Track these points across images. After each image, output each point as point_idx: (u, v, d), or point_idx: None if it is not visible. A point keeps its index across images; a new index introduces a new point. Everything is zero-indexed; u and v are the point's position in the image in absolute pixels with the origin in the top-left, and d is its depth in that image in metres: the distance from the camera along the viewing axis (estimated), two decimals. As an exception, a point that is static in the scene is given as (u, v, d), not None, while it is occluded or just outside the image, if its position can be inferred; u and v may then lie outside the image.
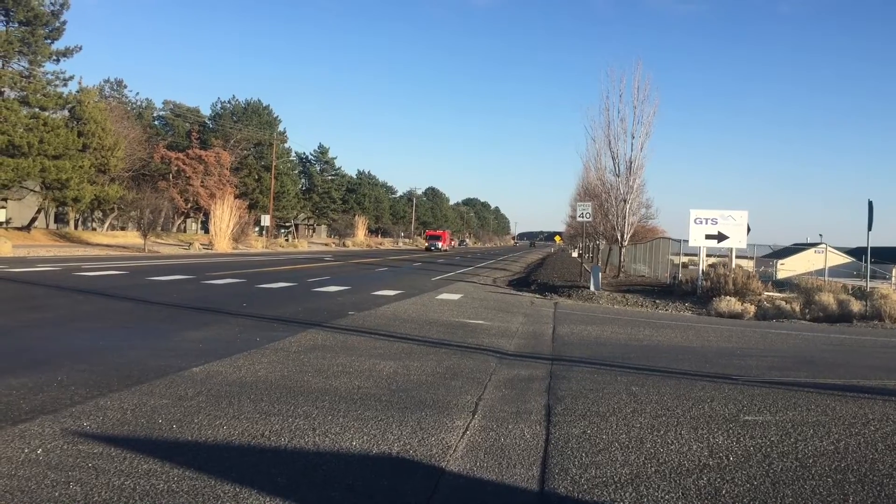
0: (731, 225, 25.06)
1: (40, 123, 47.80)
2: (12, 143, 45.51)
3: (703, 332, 15.34)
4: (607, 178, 36.83)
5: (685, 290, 25.74)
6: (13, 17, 48.26)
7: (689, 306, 21.72)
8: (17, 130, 46.09)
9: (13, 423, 5.70)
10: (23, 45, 48.65)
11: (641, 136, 32.72)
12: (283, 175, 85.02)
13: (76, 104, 51.66)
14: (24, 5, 47.40)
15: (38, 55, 50.00)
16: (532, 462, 5.39)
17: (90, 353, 9.07)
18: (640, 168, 33.58)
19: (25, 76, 49.89)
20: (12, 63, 49.29)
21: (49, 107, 50.35)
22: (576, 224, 56.97)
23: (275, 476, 4.80)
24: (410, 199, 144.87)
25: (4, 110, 47.15)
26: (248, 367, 8.53)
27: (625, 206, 34.08)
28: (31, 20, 48.40)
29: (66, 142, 48.09)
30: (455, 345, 11.41)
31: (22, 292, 16.47)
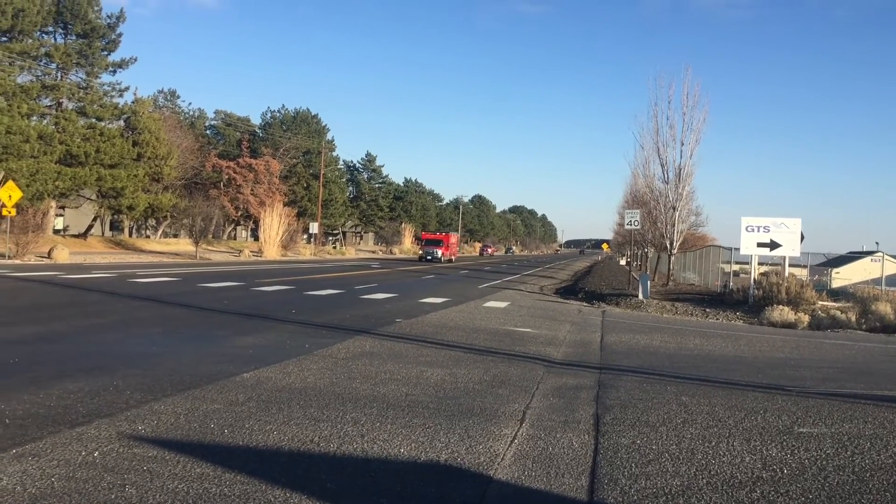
0: (784, 233, 24.58)
1: (97, 133, 49.11)
2: (70, 153, 46.82)
3: (755, 341, 15.06)
4: (656, 186, 36.40)
5: (736, 299, 25.31)
6: (71, 29, 49.74)
7: (740, 315, 21.35)
8: (75, 140, 47.41)
9: (71, 426, 5.84)
10: (80, 57, 50.08)
11: (691, 143, 32.26)
12: (331, 183, 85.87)
13: (131, 114, 52.90)
14: (81, 18, 48.79)
15: (94, 67, 51.44)
16: (581, 472, 5.35)
17: (144, 359, 9.26)
18: (690, 175, 33.11)
19: (83, 87, 51.33)
20: (70, 75, 50.76)
21: (105, 117, 51.72)
22: (624, 232, 56.38)
23: (324, 482, 4.84)
24: (457, 206, 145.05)
25: (63, 121, 48.58)
26: (297, 374, 8.62)
27: (674, 214, 33.64)
28: (89, 33, 49.81)
29: (121, 151, 49.27)
30: (502, 353, 11.38)
31: (79, 298, 16.90)
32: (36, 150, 42.91)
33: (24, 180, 38.23)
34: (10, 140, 40.21)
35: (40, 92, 48.08)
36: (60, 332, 11.23)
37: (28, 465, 4.83)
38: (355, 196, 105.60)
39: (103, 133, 49.49)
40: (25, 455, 5.03)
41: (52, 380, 7.50)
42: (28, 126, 43.16)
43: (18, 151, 41.09)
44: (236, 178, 68.83)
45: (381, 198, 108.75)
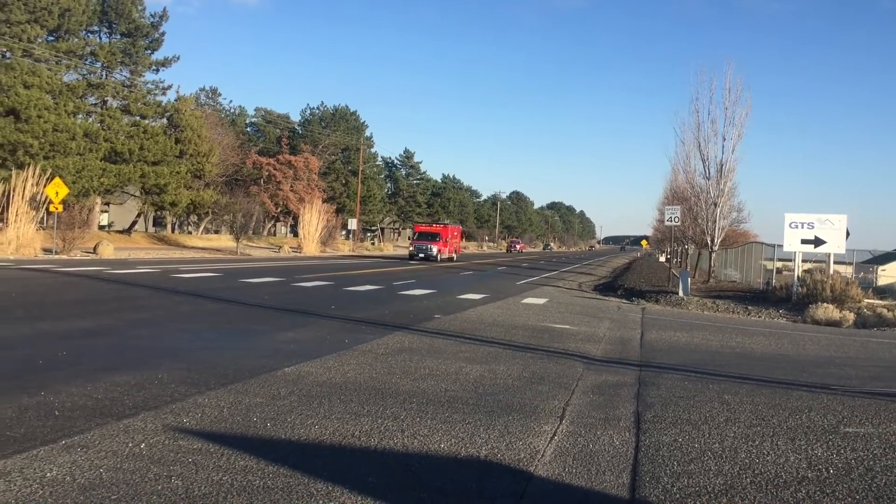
0: (829, 229, 24.12)
1: (140, 131, 49.94)
2: (115, 150, 47.68)
3: (799, 339, 14.82)
4: (697, 181, 36.02)
5: (779, 297, 24.92)
6: (116, 29, 50.63)
7: (783, 313, 21.02)
8: (120, 138, 48.27)
9: (118, 418, 5.96)
10: (125, 56, 50.96)
11: (733, 138, 31.80)
12: (369, 179, 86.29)
13: (174, 112, 53.68)
14: (126, 17, 49.64)
15: (138, 65, 52.33)
16: (622, 469, 5.32)
17: (188, 352, 9.41)
18: (732, 171, 32.65)
19: (127, 86, 52.24)
20: (115, 73, 51.67)
21: (149, 115, 52.58)
22: (663, 228, 55.80)
23: (365, 476, 4.88)
24: (495, 203, 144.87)
25: (108, 119, 49.51)
26: (337, 368, 8.69)
27: (715, 210, 33.21)
28: (133, 32, 50.66)
29: (164, 148, 50.04)
30: (541, 349, 11.35)
31: (124, 293, 17.21)
32: (82, 148, 43.76)
33: (70, 177, 39.01)
34: (56, 138, 41.05)
35: (86, 90, 49.02)
36: (107, 326, 11.46)
37: (77, 455, 4.94)
38: (393, 192, 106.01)
39: (147, 131, 50.31)
40: (74, 446, 5.14)
41: (100, 372, 7.66)
42: (74, 124, 44.03)
43: (65, 149, 41.94)
44: (276, 174, 69.47)
45: (419, 194, 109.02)
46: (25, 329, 10.69)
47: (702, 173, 34.20)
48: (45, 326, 11.04)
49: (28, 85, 40.76)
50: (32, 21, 42.94)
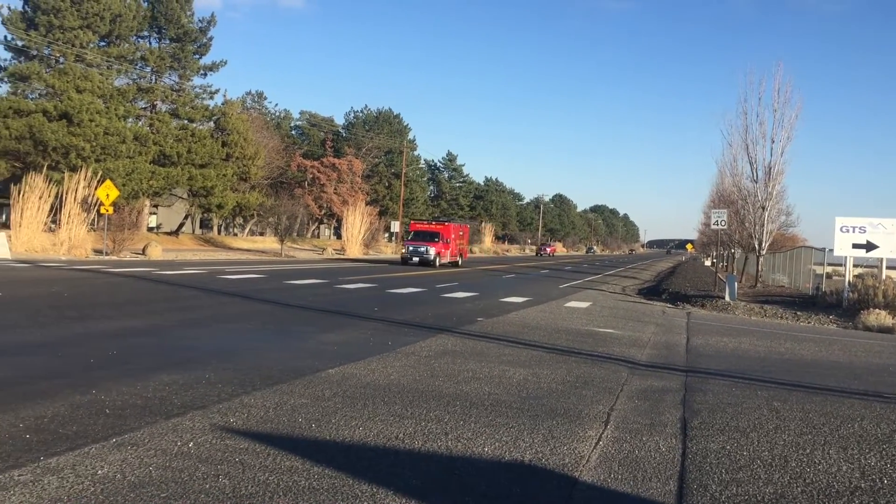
0: (882, 234, 23.54)
1: (188, 134, 50.84)
2: (163, 153, 48.58)
3: (850, 346, 14.49)
4: (744, 184, 35.49)
5: (829, 302, 24.38)
6: (165, 34, 51.64)
7: (833, 319, 20.56)
8: (168, 141, 49.17)
9: (166, 417, 6.06)
10: (174, 60, 51.95)
11: (782, 141, 31.30)
12: (412, 182, 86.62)
13: (221, 116, 54.52)
14: (175, 23, 50.58)
15: (187, 70, 53.31)
16: (668, 476, 5.24)
17: (234, 353, 9.53)
18: (780, 174, 32.14)
19: (176, 90, 53.24)
20: (164, 78, 52.68)
21: (196, 119, 53.52)
22: (709, 232, 55.08)
23: (409, 479, 4.88)
24: (538, 205, 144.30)
25: (157, 122, 50.48)
26: (381, 370, 8.72)
27: (763, 213, 32.68)
28: (181, 37, 51.60)
29: (211, 151, 50.85)
30: (585, 353, 11.26)
31: (172, 294, 17.50)
32: (132, 151, 44.68)
33: (120, 180, 39.84)
34: (107, 141, 41.97)
35: (136, 94, 50.08)
36: (155, 326, 11.66)
37: (127, 453, 5.03)
38: (436, 195, 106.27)
39: (194, 134, 51.19)
40: (125, 444, 5.23)
41: (149, 372, 7.79)
42: (124, 127, 44.97)
43: (115, 152, 42.86)
44: (320, 177, 70.12)
45: (462, 197, 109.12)
46: (78, 328, 10.93)
47: (749, 176, 33.74)
48: (97, 326, 11.27)
49: (80, 89, 41.75)
50: (85, 27, 44.00)
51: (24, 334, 10.09)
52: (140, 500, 4.22)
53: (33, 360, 8.32)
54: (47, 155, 39.37)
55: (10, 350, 8.82)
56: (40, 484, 4.37)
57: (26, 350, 8.90)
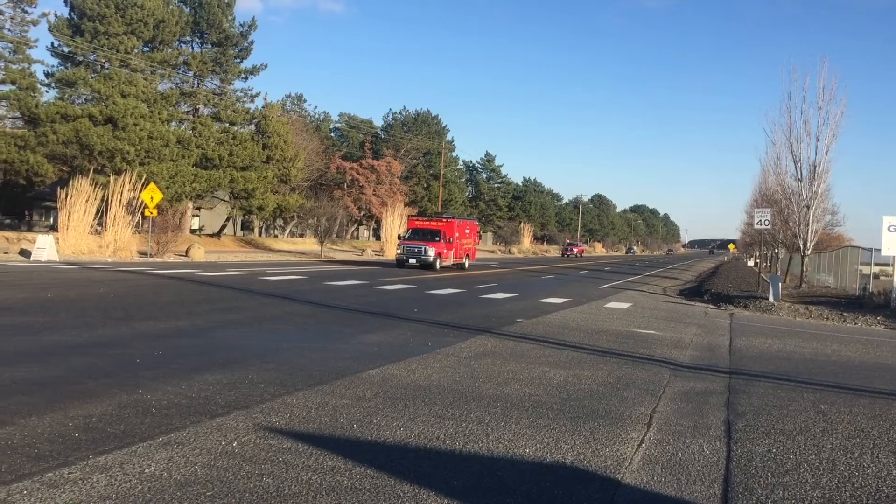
0: (932, 232, 22.95)
1: (230, 137, 51.49)
2: (206, 156, 49.28)
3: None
4: (788, 183, 34.87)
5: (876, 303, 23.85)
6: (207, 38, 52.38)
7: (881, 320, 20.11)
8: (210, 144, 49.86)
9: (211, 416, 6.14)
10: (215, 64, 52.68)
11: (827, 139, 30.68)
12: (450, 183, 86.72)
13: (261, 119, 55.13)
14: (216, 27, 51.28)
15: (228, 74, 54.02)
16: (713, 479, 5.18)
17: (276, 353, 9.63)
18: (825, 172, 31.50)
19: (217, 94, 54.00)
20: (206, 82, 53.46)
21: (238, 122, 54.19)
22: (752, 231, 54.28)
23: (451, 480, 4.89)
24: (576, 206, 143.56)
25: (199, 126, 51.22)
26: (421, 371, 8.74)
27: (807, 213, 32.09)
28: (223, 41, 52.29)
29: (252, 154, 51.43)
30: (626, 355, 11.17)
31: (214, 295, 17.74)
32: (175, 154, 45.37)
33: (164, 182, 40.49)
34: (151, 144, 42.69)
35: (179, 98, 50.85)
36: (199, 327, 11.83)
37: (173, 452, 5.11)
38: (474, 196, 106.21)
39: (236, 137, 51.83)
40: (171, 443, 5.32)
41: (193, 372, 7.91)
42: (168, 131, 45.71)
43: (159, 155, 43.57)
44: (359, 178, 70.53)
45: (500, 197, 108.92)
46: (124, 329, 11.13)
47: (793, 175, 33.14)
48: (142, 326, 11.47)
49: (125, 94, 42.52)
50: (129, 33, 44.80)
51: (73, 335, 10.30)
52: (186, 499, 4.29)
53: (82, 359, 8.49)
54: (93, 159, 40.17)
55: (59, 350, 9.01)
56: (89, 482, 4.47)
57: (75, 350, 9.09)
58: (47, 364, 8.06)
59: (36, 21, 43.86)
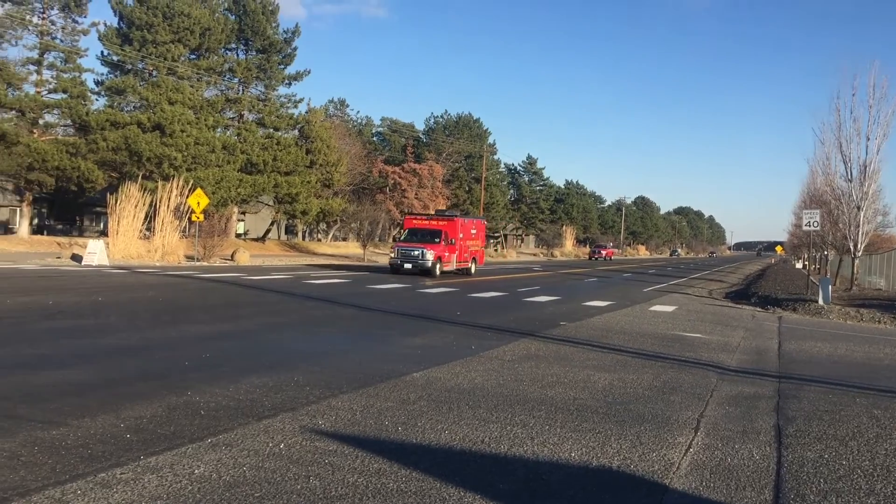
0: None
1: (274, 143, 52.09)
2: (250, 161, 49.91)
3: (956, 352, 13.76)
4: (838, 184, 34.05)
5: (931, 306, 23.21)
6: (252, 45, 53.10)
7: (936, 323, 19.57)
8: (255, 149, 50.50)
9: (258, 418, 6.22)
10: (259, 71, 53.36)
11: (878, 138, 29.91)
12: (492, 186, 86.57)
13: (305, 124, 55.67)
14: (261, 35, 51.95)
15: (272, 80, 54.69)
16: (763, 485, 5.09)
17: (321, 356, 9.71)
18: (876, 172, 30.70)
19: (262, 100, 54.68)
20: (251, 88, 54.18)
21: (281, 127, 54.82)
22: (800, 233, 53.23)
23: (496, 483, 4.88)
24: (619, 208, 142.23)
25: (244, 131, 51.93)
26: (465, 374, 8.74)
27: (858, 214, 31.35)
28: (267, 48, 52.96)
29: (295, 159, 51.96)
30: (672, 358, 11.04)
31: (260, 298, 17.96)
32: (220, 160, 46.05)
33: (210, 188, 41.08)
34: (198, 150, 43.37)
35: (224, 105, 51.62)
36: (245, 330, 11.98)
37: (222, 454, 5.18)
38: (516, 199, 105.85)
39: (280, 142, 52.41)
40: (219, 445, 5.39)
41: (240, 374, 8.01)
42: (214, 137, 46.40)
43: (205, 161, 44.25)
44: (401, 182, 70.76)
45: (542, 200, 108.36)
46: (172, 332, 11.33)
47: (843, 175, 32.35)
48: (190, 329, 11.66)
49: (172, 101, 43.28)
50: (176, 41, 45.61)
51: (123, 337, 10.51)
52: (235, 500, 4.34)
53: (132, 362, 8.66)
54: (142, 165, 40.94)
55: (110, 352, 9.20)
56: (141, 482, 4.55)
57: (125, 352, 9.27)
58: (99, 366, 8.24)
59: (86, 31, 44.82)
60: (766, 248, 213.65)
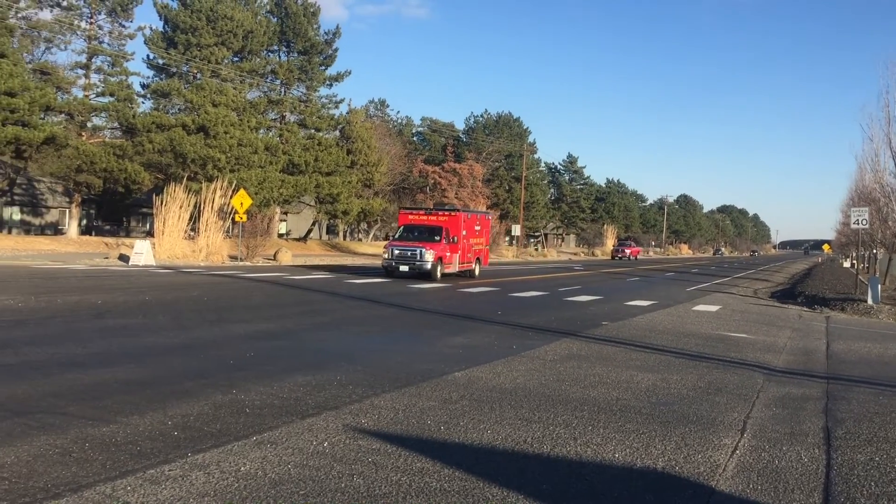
0: None
1: (315, 143, 52.56)
2: (292, 162, 50.43)
3: None
4: (887, 180, 33.27)
5: None
6: (293, 47, 53.66)
7: None
8: (296, 150, 51.02)
9: (302, 416, 6.28)
10: (301, 72, 53.90)
11: (930, 133, 29.15)
12: (532, 185, 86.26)
13: (345, 125, 56.09)
14: (302, 36, 52.48)
15: (313, 81, 55.21)
16: (812, 488, 5.00)
17: (362, 356, 9.77)
18: (928, 168, 29.95)
19: (303, 101, 55.21)
20: (293, 90, 54.73)
21: (323, 128, 55.30)
22: (848, 232, 52.13)
23: (539, 483, 4.86)
24: (661, 206, 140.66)
25: (286, 132, 52.48)
26: (506, 374, 8.73)
27: (908, 211, 30.61)
28: (308, 49, 53.47)
29: (336, 159, 52.36)
30: (716, 358, 10.89)
31: (302, 298, 18.13)
32: (263, 161, 46.56)
33: (253, 188, 41.56)
34: (241, 152, 43.92)
35: (266, 106, 52.23)
36: (288, 329, 12.11)
37: (267, 451, 5.24)
38: (556, 198, 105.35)
39: (321, 143, 52.86)
40: (264, 442, 5.46)
41: (283, 373, 8.10)
42: (256, 138, 46.94)
43: (248, 162, 44.78)
44: (441, 182, 70.86)
45: (583, 199, 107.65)
46: (217, 331, 11.49)
47: (892, 171, 31.63)
48: (234, 328, 11.81)
49: (216, 103, 43.89)
50: (220, 44, 46.26)
51: (170, 336, 10.69)
52: (281, 497, 4.39)
53: (178, 360, 8.81)
54: (186, 166, 41.58)
55: (158, 351, 9.37)
56: (188, 479, 4.62)
57: (172, 351, 9.44)
58: (147, 364, 8.39)
59: (132, 35, 45.70)
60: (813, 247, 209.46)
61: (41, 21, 41.80)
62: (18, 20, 40.12)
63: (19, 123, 34.79)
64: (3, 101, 33.64)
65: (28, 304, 13.58)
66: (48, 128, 36.92)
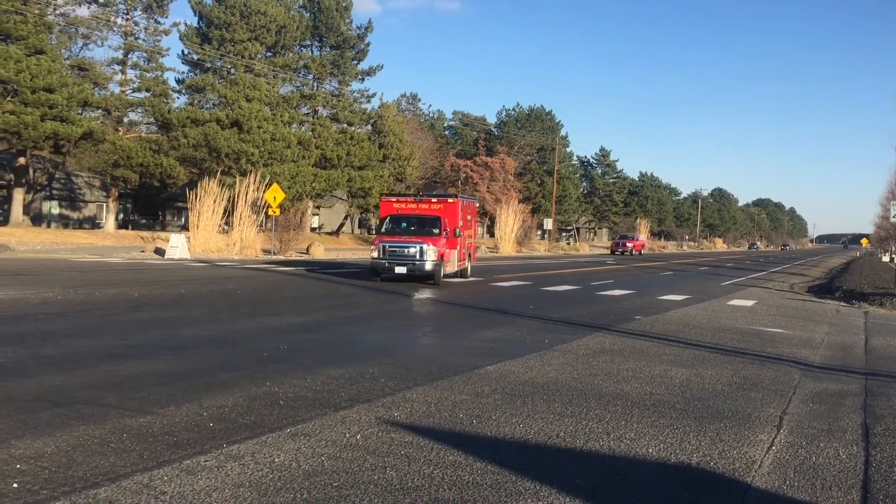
0: None
1: (347, 138, 52.81)
2: (325, 157, 50.73)
3: None
4: (928, 173, 32.61)
5: None
6: (326, 42, 53.94)
7: None
8: (329, 145, 51.30)
9: (335, 409, 6.32)
10: (333, 67, 54.17)
11: (972, 124, 28.52)
12: (564, 179, 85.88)
13: (377, 119, 56.30)
14: (334, 31, 52.74)
15: (345, 76, 55.48)
16: (850, 485, 4.92)
17: (394, 349, 9.81)
18: (971, 160, 29.30)
19: (335, 95, 55.48)
20: (325, 84, 55.00)
21: (355, 122, 55.56)
22: (888, 225, 51.27)
23: (572, 477, 4.84)
24: (696, 200, 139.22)
25: (318, 127, 52.79)
26: (538, 368, 8.70)
27: (950, 205, 29.97)
28: (341, 44, 53.72)
29: (368, 153, 52.58)
30: (751, 354, 10.75)
31: (334, 291, 18.24)
32: (296, 155, 46.90)
33: (286, 183, 41.90)
34: (274, 146, 44.27)
35: (299, 101, 52.59)
36: (321, 322, 12.19)
37: (301, 443, 5.28)
38: (589, 191, 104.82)
39: (353, 137, 53.12)
40: (298, 434, 5.50)
41: (316, 366, 8.16)
42: (289, 133, 47.29)
43: (281, 156, 45.14)
44: (473, 176, 70.85)
45: (616, 193, 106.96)
46: (251, 324, 11.60)
47: (934, 164, 30.98)
48: (268, 321, 11.92)
49: (249, 98, 44.27)
50: (253, 39, 46.65)
51: (205, 329, 10.83)
52: (314, 489, 4.42)
53: (213, 352, 8.91)
54: (220, 161, 42.02)
55: (193, 343, 9.49)
56: (224, 470, 4.68)
57: (207, 343, 9.55)
58: (183, 356, 8.50)
59: (167, 31, 46.31)
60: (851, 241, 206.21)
61: (79, 17, 42.52)
62: (57, 17, 40.79)
63: (58, 119, 35.43)
64: (42, 97, 34.26)
65: (67, 297, 13.84)
66: (86, 123, 37.54)
